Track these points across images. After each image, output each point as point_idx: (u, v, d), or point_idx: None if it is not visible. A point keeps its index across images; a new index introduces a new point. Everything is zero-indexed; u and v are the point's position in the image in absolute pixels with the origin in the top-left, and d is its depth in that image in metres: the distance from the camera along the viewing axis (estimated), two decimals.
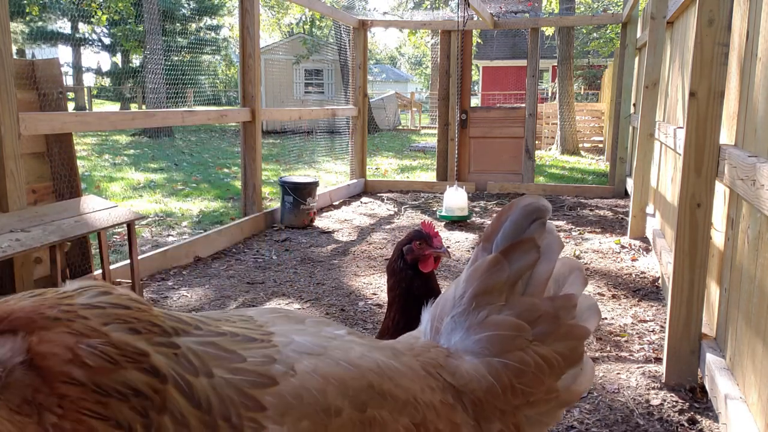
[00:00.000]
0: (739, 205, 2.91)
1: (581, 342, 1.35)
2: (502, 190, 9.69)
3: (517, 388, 1.26)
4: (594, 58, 31.03)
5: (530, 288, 1.32)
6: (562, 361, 1.31)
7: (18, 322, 0.80)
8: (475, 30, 12.77)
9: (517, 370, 1.26)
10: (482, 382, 1.24)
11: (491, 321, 1.28)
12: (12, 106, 3.75)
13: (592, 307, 1.39)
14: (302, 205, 6.97)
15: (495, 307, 1.29)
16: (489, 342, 1.27)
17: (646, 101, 6.15)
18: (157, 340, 0.87)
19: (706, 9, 2.97)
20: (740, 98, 2.97)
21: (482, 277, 1.31)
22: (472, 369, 1.25)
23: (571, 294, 1.35)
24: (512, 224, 1.33)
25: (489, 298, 1.30)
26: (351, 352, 1.09)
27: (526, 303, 1.30)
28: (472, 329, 1.30)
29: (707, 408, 2.96)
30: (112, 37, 27.91)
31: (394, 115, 29.43)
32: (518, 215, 1.34)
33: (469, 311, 1.31)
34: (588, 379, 1.40)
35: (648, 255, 5.78)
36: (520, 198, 1.38)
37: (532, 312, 1.29)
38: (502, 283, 1.30)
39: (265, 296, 4.67)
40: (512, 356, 1.26)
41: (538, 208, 1.34)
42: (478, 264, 1.33)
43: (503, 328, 1.28)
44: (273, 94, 22.17)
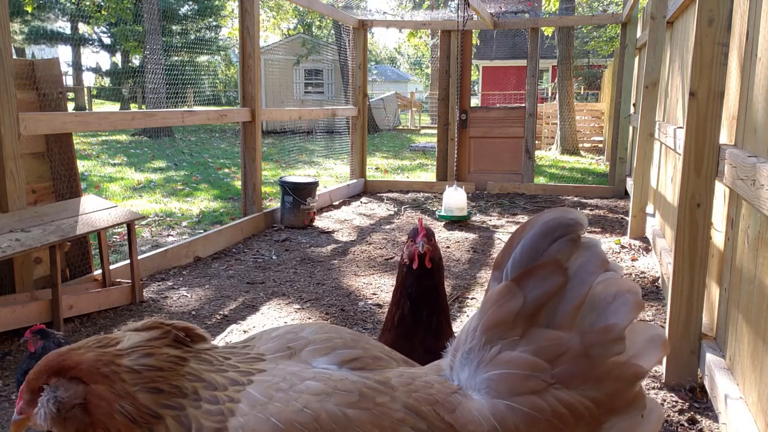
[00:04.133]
0: (739, 205, 2.91)
1: (631, 384, 1.11)
2: (502, 190, 9.69)
3: None
4: (594, 58, 31.06)
5: (556, 319, 1.12)
6: (596, 409, 1.09)
7: (82, 373, 1.13)
8: (475, 30, 12.77)
9: (528, 416, 1.08)
10: (482, 425, 1.08)
11: (503, 358, 1.12)
12: (12, 106, 3.75)
13: (654, 339, 1.14)
14: (302, 205, 6.97)
15: (509, 341, 1.13)
16: (497, 381, 1.11)
17: (646, 101, 6.15)
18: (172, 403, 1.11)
19: (706, 9, 2.97)
20: (740, 98, 2.97)
21: (492, 309, 1.15)
22: (476, 409, 1.11)
23: (611, 324, 1.10)
24: (526, 246, 1.17)
25: (500, 332, 1.14)
26: (292, 404, 1.07)
27: (547, 337, 1.11)
28: (482, 366, 1.15)
29: (707, 408, 2.96)
30: (112, 37, 27.91)
31: (394, 115, 29.43)
32: (534, 235, 1.17)
33: (480, 346, 1.16)
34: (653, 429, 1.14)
35: (648, 255, 5.78)
36: (541, 213, 1.21)
37: (554, 348, 1.10)
38: (515, 314, 1.13)
39: (265, 296, 4.67)
40: (522, 400, 1.09)
41: (562, 224, 1.16)
42: (489, 294, 1.19)
43: (514, 367, 1.11)
44: (273, 94, 22.17)
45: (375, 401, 1.09)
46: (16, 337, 3.64)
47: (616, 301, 1.12)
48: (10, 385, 3.15)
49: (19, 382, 2.40)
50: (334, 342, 1.22)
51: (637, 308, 1.11)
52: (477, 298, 4.63)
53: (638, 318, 1.13)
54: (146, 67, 19.32)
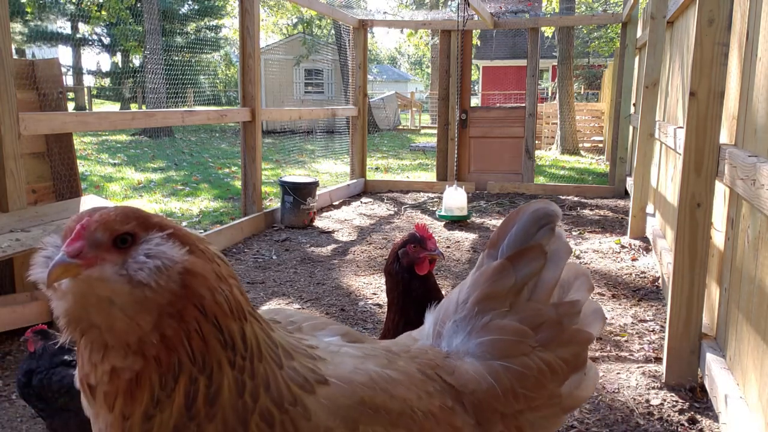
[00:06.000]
0: (739, 205, 2.91)
1: (585, 347, 1.36)
2: (502, 190, 9.69)
3: (519, 393, 1.26)
4: (594, 58, 31.04)
5: (536, 294, 1.32)
6: (566, 366, 1.31)
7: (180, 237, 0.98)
8: (475, 30, 12.76)
9: (519, 374, 1.26)
10: (482, 383, 1.24)
11: (494, 325, 1.29)
12: (12, 106, 3.75)
13: (597, 312, 1.39)
14: (302, 205, 6.97)
15: (499, 312, 1.30)
16: (491, 345, 1.28)
17: (646, 101, 6.15)
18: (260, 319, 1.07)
19: (706, 9, 2.97)
20: (740, 98, 2.97)
21: (487, 283, 1.32)
22: (472, 370, 1.26)
23: (576, 300, 1.36)
24: (520, 230, 1.34)
25: (493, 304, 1.30)
26: (342, 366, 1.12)
27: (530, 309, 1.30)
28: (474, 333, 1.30)
29: (707, 408, 2.96)
30: (112, 37, 27.91)
31: (394, 114, 29.42)
32: (526, 221, 1.34)
33: (471, 316, 1.31)
34: (591, 384, 1.40)
35: (648, 255, 5.78)
36: (529, 203, 1.38)
37: (536, 318, 1.30)
38: (507, 289, 1.30)
39: (265, 296, 4.67)
40: (515, 360, 1.27)
41: (547, 214, 1.34)
42: (483, 269, 1.34)
43: (506, 333, 1.28)
44: (273, 94, 22.17)
45: (398, 364, 1.21)
46: (16, 337, 3.64)
47: (576, 281, 1.38)
48: (11, 385, 3.15)
49: (20, 382, 2.40)
50: (318, 320, 1.32)
51: (591, 288, 1.41)
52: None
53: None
54: (146, 67, 19.33)
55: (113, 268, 0.92)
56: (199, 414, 0.94)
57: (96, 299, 0.92)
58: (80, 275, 0.90)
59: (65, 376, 2.33)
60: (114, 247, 0.94)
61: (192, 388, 0.94)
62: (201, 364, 0.95)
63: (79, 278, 0.90)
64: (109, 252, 0.94)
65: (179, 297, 0.95)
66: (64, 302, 0.94)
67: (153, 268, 0.93)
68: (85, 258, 0.92)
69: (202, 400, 0.94)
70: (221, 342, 0.97)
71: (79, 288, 0.91)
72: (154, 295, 0.93)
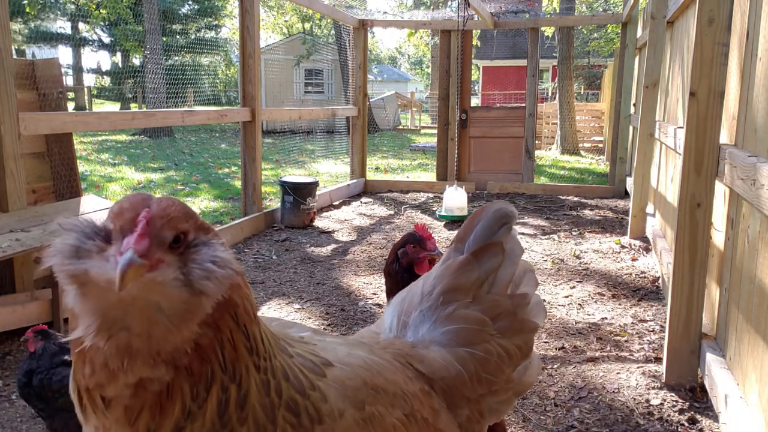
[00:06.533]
0: (739, 205, 2.91)
1: (533, 335, 1.49)
2: (502, 190, 9.69)
3: (482, 377, 1.36)
4: (594, 58, 31.04)
5: (495, 287, 1.43)
6: (519, 352, 1.43)
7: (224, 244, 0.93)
8: (475, 30, 12.76)
9: (483, 359, 1.36)
10: (450, 369, 1.32)
11: (459, 315, 1.38)
12: (12, 106, 3.75)
13: (540, 305, 1.52)
14: (302, 205, 6.97)
15: (463, 303, 1.39)
16: (456, 334, 1.37)
17: (646, 101, 6.15)
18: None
19: (706, 9, 2.97)
20: (740, 98, 2.97)
21: (453, 275, 1.41)
22: (440, 357, 1.33)
23: (525, 293, 1.47)
24: (484, 228, 1.45)
25: (457, 295, 1.39)
26: (338, 351, 1.15)
27: (490, 300, 1.41)
28: (440, 322, 1.39)
29: (707, 408, 2.96)
30: (112, 37, 27.91)
31: (394, 114, 29.42)
32: (489, 219, 1.45)
33: (437, 305, 1.40)
34: (536, 371, 1.52)
35: (648, 255, 5.78)
36: (491, 203, 1.50)
37: (495, 309, 1.41)
38: (472, 282, 1.40)
39: (266, 296, 4.67)
40: (478, 347, 1.36)
41: (507, 214, 1.46)
42: (450, 263, 1.43)
43: (470, 322, 1.38)
44: (273, 94, 22.17)
45: (377, 353, 1.26)
46: (16, 337, 3.64)
47: (525, 276, 1.50)
48: (11, 385, 3.15)
49: (20, 382, 2.40)
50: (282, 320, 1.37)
51: (537, 283, 1.53)
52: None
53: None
54: (146, 67, 19.33)
55: (173, 272, 0.84)
56: (231, 420, 0.92)
57: (144, 303, 0.84)
58: (143, 277, 0.81)
59: (65, 376, 2.33)
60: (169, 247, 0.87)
61: (224, 397, 0.91)
62: (232, 372, 0.92)
63: (141, 280, 0.81)
64: (166, 253, 0.86)
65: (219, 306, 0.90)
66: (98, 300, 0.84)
67: (221, 278, 0.87)
68: (151, 259, 0.83)
69: (233, 406, 0.92)
70: (248, 348, 0.95)
71: (134, 291, 0.81)
72: (207, 304, 0.88)
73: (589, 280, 5.07)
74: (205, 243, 0.90)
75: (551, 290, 4.81)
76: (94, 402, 0.89)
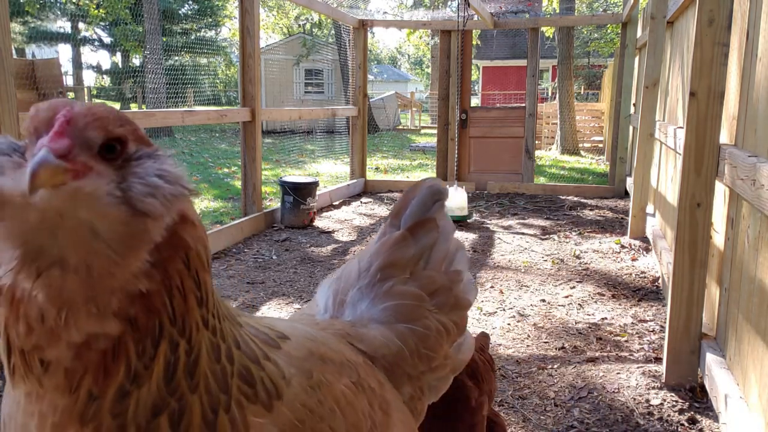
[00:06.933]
0: (739, 205, 2.91)
1: (466, 312, 1.50)
2: (502, 190, 9.69)
3: (423, 353, 1.35)
4: (594, 58, 31.05)
5: (430, 264, 1.43)
6: (456, 328, 1.44)
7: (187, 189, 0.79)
8: (475, 30, 12.76)
9: (422, 335, 1.35)
10: (391, 346, 1.31)
11: (397, 291, 1.38)
12: (12, 106, 3.75)
13: (471, 282, 1.54)
14: (302, 205, 6.97)
15: (400, 279, 1.39)
16: (395, 310, 1.36)
17: (646, 101, 6.15)
18: None
19: (706, 9, 2.97)
20: (740, 98, 2.97)
21: (389, 251, 1.41)
22: (380, 334, 1.32)
23: (459, 270, 1.49)
24: (419, 203, 1.45)
25: (394, 271, 1.39)
26: (279, 325, 1.12)
27: (426, 276, 1.41)
28: (378, 299, 1.38)
29: (707, 408, 2.96)
30: (112, 37, 27.92)
31: (394, 114, 29.42)
32: (424, 195, 1.46)
33: (375, 282, 1.39)
34: (469, 348, 1.55)
35: (648, 255, 5.78)
36: (424, 179, 1.50)
37: (431, 285, 1.41)
38: (408, 258, 1.40)
39: (265, 296, 4.67)
40: (418, 323, 1.36)
41: (440, 190, 1.47)
42: (386, 239, 1.43)
43: (408, 298, 1.37)
44: (273, 94, 22.17)
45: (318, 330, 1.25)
46: None
47: (457, 254, 1.51)
48: None
49: None
50: None
51: (468, 261, 1.54)
52: (477, 297, 4.62)
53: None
54: (146, 67, 19.35)
55: (109, 185, 0.69)
56: (181, 386, 0.80)
57: (75, 224, 0.68)
58: (66, 186, 0.66)
59: None
60: (100, 155, 0.72)
61: (173, 357, 0.79)
62: (182, 326, 0.80)
63: (63, 190, 0.66)
64: (97, 160, 0.71)
65: (169, 245, 0.77)
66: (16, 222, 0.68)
67: (168, 196, 0.73)
68: (74, 162, 0.67)
69: (182, 370, 0.80)
70: (198, 300, 0.82)
71: (57, 204, 0.66)
72: (154, 230, 0.74)
73: (589, 280, 5.07)
74: (150, 155, 0.76)
75: (551, 290, 4.81)
76: (28, 366, 0.75)
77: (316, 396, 0.99)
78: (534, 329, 4.01)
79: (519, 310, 4.34)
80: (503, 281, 5.05)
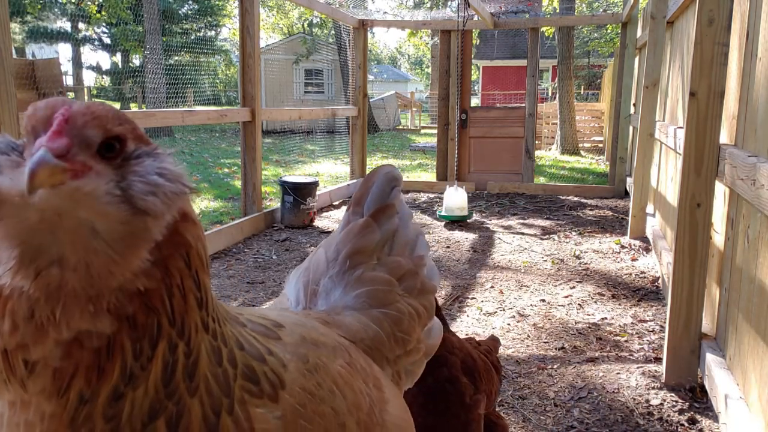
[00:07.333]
0: (739, 205, 2.91)
1: (432, 297, 1.52)
2: (502, 190, 9.69)
3: (398, 337, 1.37)
4: (594, 58, 31.05)
5: (394, 249, 1.46)
6: (426, 312, 1.46)
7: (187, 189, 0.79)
8: (475, 30, 12.76)
9: (396, 318, 1.38)
10: (368, 331, 1.33)
11: (367, 277, 1.40)
12: (12, 105, 3.75)
13: (434, 268, 1.57)
14: (302, 205, 6.97)
15: (369, 265, 1.41)
16: (368, 296, 1.38)
17: (646, 101, 6.15)
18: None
19: (706, 9, 2.97)
20: (740, 98, 2.97)
21: (356, 238, 1.42)
22: (356, 321, 1.34)
23: (422, 255, 1.52)
24: (378, 189, 1.48)
25: (363, 257, 1.41)
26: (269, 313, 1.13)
27: (392, 261, 1.44)
28: (350, 286, 1.39)
29: (707, 408, 2.96)
30: (112, 37, 27.92)
31: (394, 115, 29.43)
32: (382, 181, 1.49)
33: (345, 270, 1.41)
34: (438, 333, 1.56)
35: (648, 255, 5.78)
36: (380, 166, 1.54)
37: (399, 269, 1.44)
38: (375, 243, 1.42)
39: (265, 296, 4.67)
40: (391, 307, 1.38)
41: (395, 176, 1.51)
42: (351, 227, 1.45)
43: (379, 284, 1.40)
44: (273, 94, 22.17)
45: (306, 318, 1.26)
46: None
47: (418, 239, 1.53)
48: None
49: None
50: None
51: (428, 246, 1.56)
52: (477, 297, 4.63)
53: None
54: (146, 67, 19.35)
55: (108, 184, 0.69)
56: (179, 389, 0.77)
57: (75, 224, 0.68)
58: (65, 185, 0.66)
59: None
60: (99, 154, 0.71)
61: (172, 359, 0.77)
62: (180, 327, 0.78)
63: (62, 189, 0.65)
64: (96, 159, 0.70)
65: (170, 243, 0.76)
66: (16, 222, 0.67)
67: (169, 194, 0.73)
68: (73, 162, 0.67)
69: (181, 373, 0.78)
70: (198, 300, 0.81)
71: (56, 204, 0.66)
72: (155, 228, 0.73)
73: (589, 280, 5.06)
74: (150, 154, 0.76)
75: (551, 290, 4.81)
76: (11, 368, 0.71)
77: (314, 379, 1.00)
78: (534, 329, 4.01)
79: (519, 310, 4.34)
80: (503, 281, 5.05)
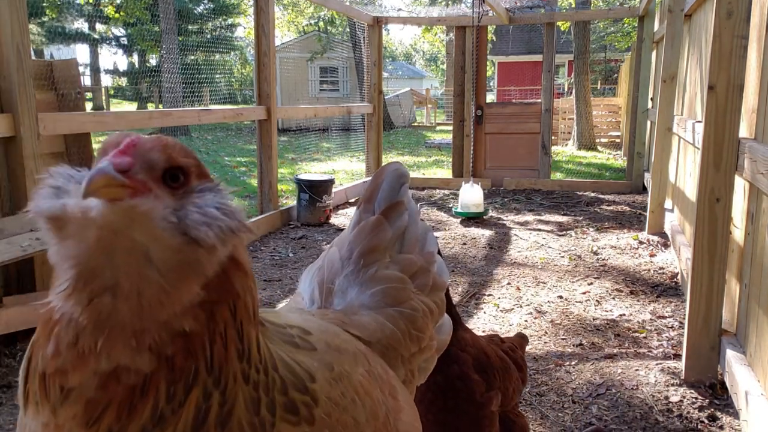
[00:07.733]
0: (759, 200, 2.88)
1: (443, 293, 1.52)
2: (519, 186, 9.65)
3: (413, 334, 1.37)
4: (610, 53, 30.78)
5: (405, 247, 1.46)
6: (437, 309, 1.46)
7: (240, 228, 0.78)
8: (490, 26, 12.72)
9: (411, 316, 1.37)
10: (385, 330, 1.32)
11: (381, 275, 1.39)
12: (31, 106, 3.79)
13: (443, 264, 1.56)
14: (318, 203, 6.98)
15: (383, 263, 1.40)
16: (383, 294, 1.37)
17: (664, 95, 6.09)
18: None
19: (725, 1, 2.93)
20: (760, 91, 2.93)
21: (368, 237, 1.42)
22: (372, 320, 1.33)
23: (432, 251, 1.51)
24: (388, 187, 1.47)
25: (376, 255, 1.40)
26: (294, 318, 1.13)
27: (405, 259, 1.44)
28: (365, 285, 1.39)
29: (727, 404, 2.93)
30: (129, 37, 28.14)
31: (410, 111, 29.39)
32: (391, 178, 1.48)
33: (359, 268, 1.40)
34: (448, 328, 1.58)
35: (666, 250, 5.73)
36: (388, 164, 1.53)
37: (411, 267, 1.43)
38: (387, 241, 1.42)
39: (282, 293, 4.69)
40: (405, 305, 1.38)
41: (403, 173, 1.50)
42: (363, 225, 1.44)
43: (393, 282, 1.39)
44: (288, 92, 22.22)
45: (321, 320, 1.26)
46: None
47: (427, 235, 1.52)
48: None
49: None
50: None
51: (437, 243, 1.55)
52: (493, 294, 4.61)
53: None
54: (163, 67, 19.46)
55: (165, 209, 0.69)
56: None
57: (129, 245, 0.68)
58: (123, 201, 0.66)
59: None
60: (163, 181, 0.72)
61: (205, 406, 0.75)
62: (217, 376, 0.77)
63: (119, 205, 0.66)
64: (158, 185, 0.71)
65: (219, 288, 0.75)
66: (80, 239, 0.69)
67: (224, 228, 0.72)
68: (133, 180, 0.68)
69: (213, 419, 0.76)
70: (239, 351, 0.80)
71: (113, 220, 0.66)
72: (207, 262, 0.72)
73: (607, 276, 5.03)
74: (212, 189, 0.76)
75: (568, 286, 4.79)
76: (46, 392, 0.73)
77: (339, 388, 0.99)
78: (551, 326, 3.99)
79: (536, 307, 4.33)
80: (520, 278, 5.03)
